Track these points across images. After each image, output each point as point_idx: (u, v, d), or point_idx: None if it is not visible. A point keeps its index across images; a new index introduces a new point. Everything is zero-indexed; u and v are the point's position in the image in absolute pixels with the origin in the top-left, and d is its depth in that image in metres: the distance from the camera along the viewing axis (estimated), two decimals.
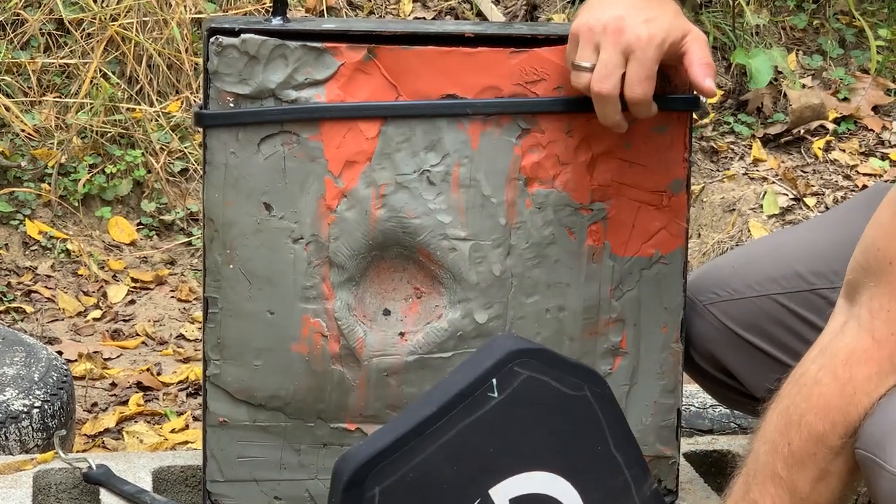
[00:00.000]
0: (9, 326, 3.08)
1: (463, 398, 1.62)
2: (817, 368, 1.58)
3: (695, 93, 1.83)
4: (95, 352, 3.10)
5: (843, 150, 4.00)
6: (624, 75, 1.72)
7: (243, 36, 1.76)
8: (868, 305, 1.57)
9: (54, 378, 2.28)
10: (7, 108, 3.67)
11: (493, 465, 1.64)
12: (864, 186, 3.78)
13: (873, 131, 4.10)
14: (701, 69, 1.74)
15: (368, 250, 1.82)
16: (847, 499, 1.62)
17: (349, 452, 1.62)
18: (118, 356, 3.13)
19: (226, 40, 1.76)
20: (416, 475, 1.60)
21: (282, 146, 1.79)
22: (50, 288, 3.40)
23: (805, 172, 3.90)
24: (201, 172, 1.82)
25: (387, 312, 1.86)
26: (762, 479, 1.60)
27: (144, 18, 3.84)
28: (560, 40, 1.80)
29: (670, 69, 1.80)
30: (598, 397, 1.68)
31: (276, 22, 1.79)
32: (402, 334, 1.85)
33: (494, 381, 1.62)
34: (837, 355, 1.57)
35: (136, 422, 2.84)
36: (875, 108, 4.17)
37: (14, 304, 3.30)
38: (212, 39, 1.76)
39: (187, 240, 3.63)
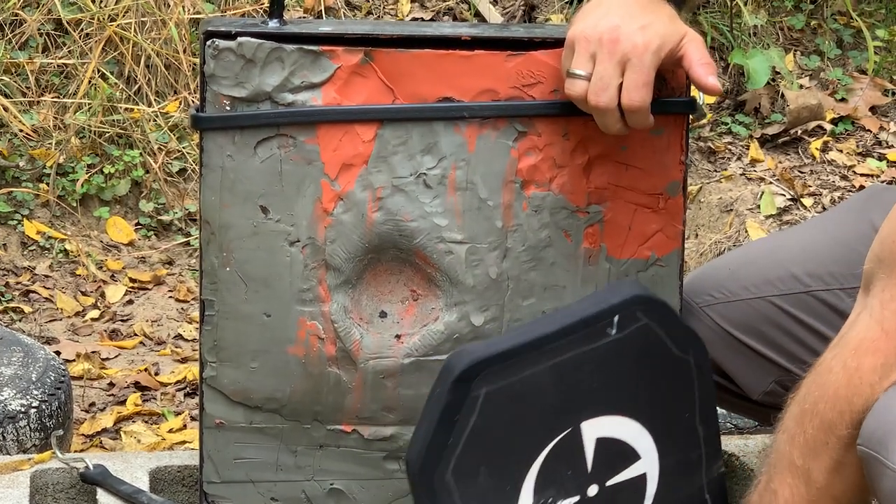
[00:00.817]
0: (7, 326, 3.08)
1: (584, 326, 1.63)
2: (831, 357, 1.59)
3: (693, 94, 1.83)
4: (93, 352, 3.10)
5: (841, 151, 4.00)
6: (621, 84, 1.72)
7: (240, 39, 1.76)
8: (880, 296, 1.57)
9: (52, 378, 2.28)
10: (5, 109, 3.67)
11: (592, 400, 1.65)
12: (862, 187, 3.78)
13: (871, 132, 4.10)
14: (702, 69, 1.74)
15: (365, 253, 1.82)
16: (868, 492, 1.61)
17: (465, 348, 1.63)
18: (116, 356, 3.14)
19: (222, 43, 1.76)
20: (522, 387, 1.60)
21: (278, 149, 1.79)
22: (48, 288, 3.40)
23: (802, 173, 3.91)
24: (199, 174, 1.82)
25: (383, 315, 1.86)
26: (781, 469, 1.61)
27: (143, 19, 3.84)
28: (557, 43, 1.81)
29: (667, 72, 1.80)
30: (698, 367, 1.70)
31: (273, 24, 1.79)
32: (398, 337, 1.86)
33: (616, 318, 1.63)
34: (849, 344, 1.58)
35: (133, 422, 2.84)
36: (872, 109, 4.17)
37: (12, 304, 3.30)
38: (208, 42, 1.76)
39: (185, 240, 3.64)
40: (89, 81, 3.76)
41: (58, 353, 2.97)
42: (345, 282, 1.83)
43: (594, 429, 1.65)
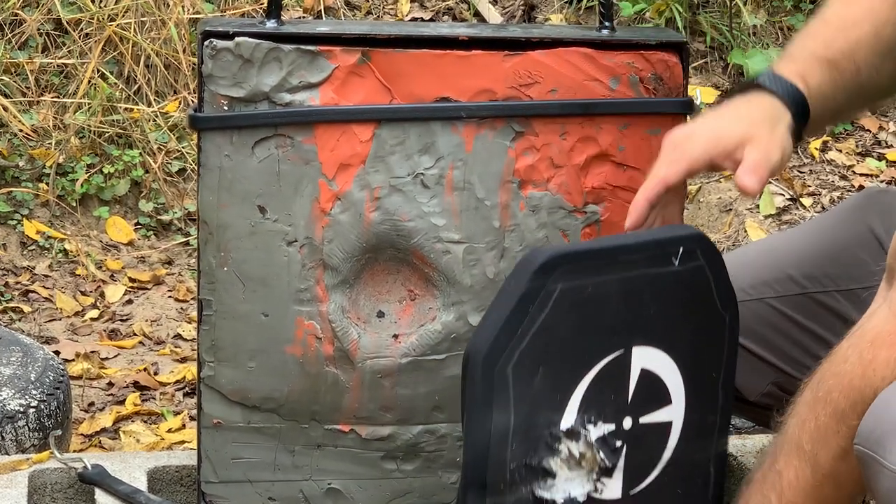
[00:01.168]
0: (6, 326, 3.09)
1: (656, 247, 1.67)
2: (847, 346, 1.60)
3: (691, 94, 1.84)
4: (93, 351, 3.10)
5: (840, 151, 4.00)
6: None
7: (237, 39, 1.76)
8: None
9: (51, 378, 2.28)
10: (5, 108, 3.67)
11: (646, 326, 1.67)
12: (861, 187, 3.78)
13: (870, 132, 4.10)
14: (743, 169, 1.71)
15: (362, 253, 1.83)
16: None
17: (545, 246, 1.67)
18: (115, 356, 3.14)
19: (220, 43, 1.76)
20: (592, 292, 1.62)
21: (276, 149, 1.79)
22: (47, 288, 3.40)
23: (802, 173, 3.91)
24: (197, 174, 1.82)
25: (381, 314, 1.86)
26: (788, 451, 1.62)
27: (142, 19, 3.84)
28: (554, 43, 1.81)
29: (663, 71, 1.81)
30: (731, 329, 1.73)
31: (271, 24, 1.79)
32: (395, 336, 1.86)
33: (682, 249, 1.66)
34: (866, 335, 1.58)
35: (132, 421, 2.84)
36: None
37: (12, 304, 3.30)
38: (206, 42, 1.76)
39: (185, 240, 3.64)
40: (89, 81, 3.76)
41: (57, 352, 2.97)
42: (342, 281, 1.83)
43: (641, 357, 1.67)
